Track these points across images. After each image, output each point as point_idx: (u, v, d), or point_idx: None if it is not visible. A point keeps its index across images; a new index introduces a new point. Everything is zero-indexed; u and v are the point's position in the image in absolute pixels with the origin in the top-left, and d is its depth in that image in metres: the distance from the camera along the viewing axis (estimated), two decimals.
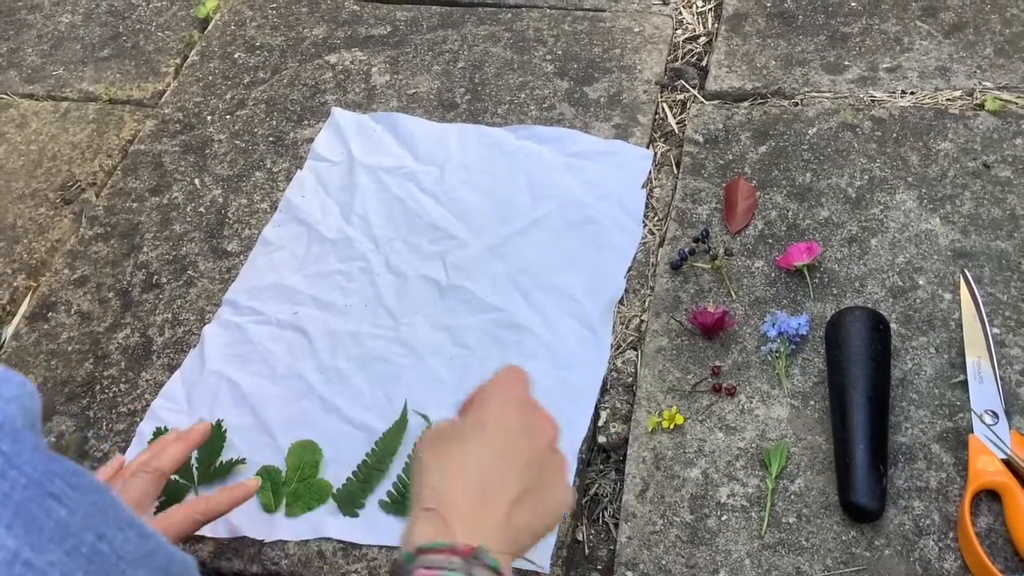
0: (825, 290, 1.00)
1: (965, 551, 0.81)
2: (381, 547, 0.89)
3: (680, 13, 1.37)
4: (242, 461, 0.95)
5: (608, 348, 1.01)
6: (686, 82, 1.26)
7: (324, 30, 1.42)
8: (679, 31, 1.35)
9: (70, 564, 0.41)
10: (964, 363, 0.92)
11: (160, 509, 0.92)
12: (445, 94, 1.29)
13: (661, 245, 1.08)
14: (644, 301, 1.04)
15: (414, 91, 1.31)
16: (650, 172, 1.17)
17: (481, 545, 0.62)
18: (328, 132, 1.27)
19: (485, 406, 0.72)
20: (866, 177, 1.10)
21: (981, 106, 1.15)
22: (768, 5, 1.33)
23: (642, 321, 1.03)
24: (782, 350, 0.95)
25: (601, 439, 0.95)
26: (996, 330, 0.94)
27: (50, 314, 1.12)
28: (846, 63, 1.23)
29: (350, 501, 0.92)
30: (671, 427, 0.92)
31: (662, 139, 1.21)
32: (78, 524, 0.42)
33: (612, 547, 0.89)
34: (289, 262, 1.13)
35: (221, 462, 0.95)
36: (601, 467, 0.95)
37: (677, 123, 1.22)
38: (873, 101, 1.18)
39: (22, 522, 0.39)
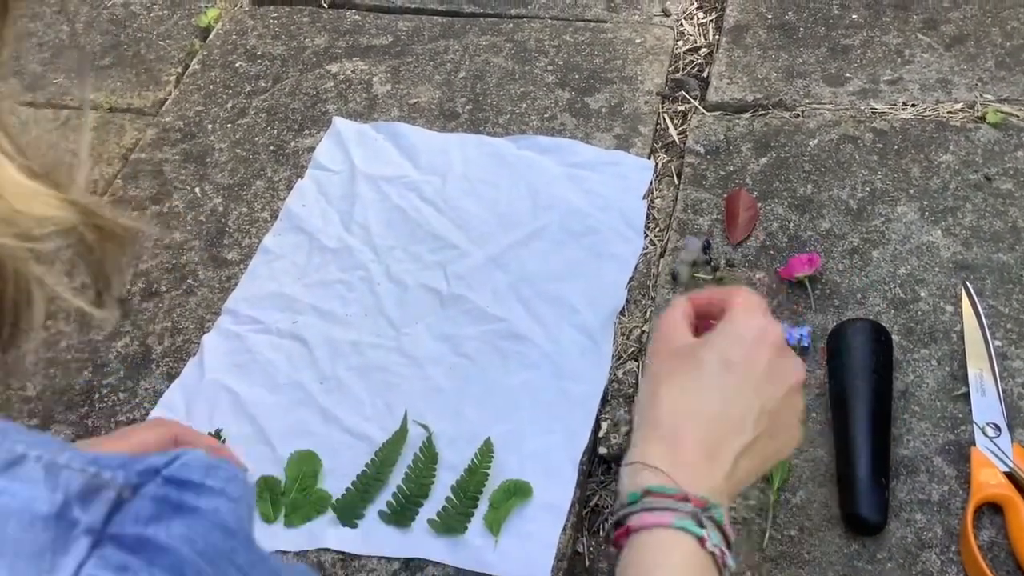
0: (826, 301, 1.00)
1: (967, 564, 0.80)
2: (380, 558, 0.88)
3: (681, 24, 1.37)
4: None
5: (609, 359, 1.00)
6: (687, 93, 1.26)
7: (325, 39, 1.42)
8: (680, 42, 1.35)
9: None
10: (966, 375, 0.91)
11: None
12: (446, 104, 1.30)
13: (662, 256, 1.08)
14: (645, 312, 1.04)
15: (415, 101, 1.31)
16: (651, 183, 1.17)
17: (709, 500, 0.61)
18: (329, 141, 1.26)
19: (735, 340, 0.67)
20: (867, 189, 1.10)
21: (982, 118, 1.15)
22: (769, 17, 1.34)
23: (643, 332, 1.02)
24: None
25: (602, 450, 0.94)
26: (998, 342, 0.94)
27: (49, 322, 1.11)
28: (847, 75, 1.23)
29: (349, 511, 0.91)
30: None
31: (663, 150, 1.21)
32: None
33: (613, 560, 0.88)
34: (289, 271, 1.13)
35: None
36: (602, 478, 0.94)
37: (678, 134, 1.22)
38: (874, 113, 1.18)
39: None
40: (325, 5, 1.48)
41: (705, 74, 1.29)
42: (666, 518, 0.60)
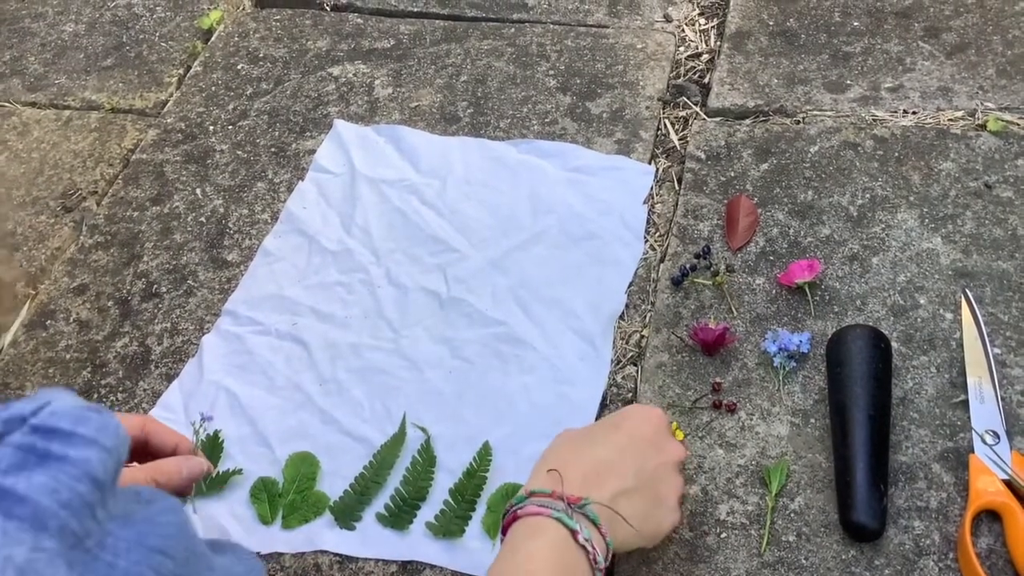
0: (826, 308, 1.00)
1: (965, 572, 0.80)
2: (378, 560, 0.88)
3: (683, 30, 1.38)
4: (239, 472, 0.95)
5: (608, 363, 1.00)
6: (688, 99, 1.26)
7: (327, 42, 1.42)
8: (681, 48, 1.35)
9: None
10: (965, 383, 0.91)
11: None
12: (448, 107, 1.30)
13: (662, 261, 1.08)
14: (645, 317, 1.04)
15: (417, 104, 1.31)
16: (652, 188, 1.17)
17: (585, 498, 0.71)
18: (330, 144, 1.27)
19: (624, 415, 0.81)
20: (867, 196, 1.10)
21: (983, 126, 1.15)
22: (771, 24, 1.34)
23: (642, 336, 1.02)
24: (783, 367, 0.95)
25: None
26: (997, 350, 0.94)
27: (48, 322, 1.11)
28: (848, 82, 1.24)
29: (347, 514, 0.91)
30: None
31: (664, 155, 1.21)
32: (184, 572, 0.37)
33: (610, 564, 0.88)
34: (289, 273, 1.13)
35: (218, 473, 0.95)
36: None
37: (679, 139, 1.22)
38: (875, 120, 1.18)
39: None
40: (327, 8, 1.48)
41: (706, 80, 1.29)
42: (544, 511, 0.70)
